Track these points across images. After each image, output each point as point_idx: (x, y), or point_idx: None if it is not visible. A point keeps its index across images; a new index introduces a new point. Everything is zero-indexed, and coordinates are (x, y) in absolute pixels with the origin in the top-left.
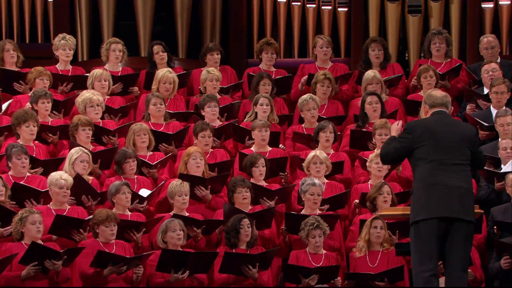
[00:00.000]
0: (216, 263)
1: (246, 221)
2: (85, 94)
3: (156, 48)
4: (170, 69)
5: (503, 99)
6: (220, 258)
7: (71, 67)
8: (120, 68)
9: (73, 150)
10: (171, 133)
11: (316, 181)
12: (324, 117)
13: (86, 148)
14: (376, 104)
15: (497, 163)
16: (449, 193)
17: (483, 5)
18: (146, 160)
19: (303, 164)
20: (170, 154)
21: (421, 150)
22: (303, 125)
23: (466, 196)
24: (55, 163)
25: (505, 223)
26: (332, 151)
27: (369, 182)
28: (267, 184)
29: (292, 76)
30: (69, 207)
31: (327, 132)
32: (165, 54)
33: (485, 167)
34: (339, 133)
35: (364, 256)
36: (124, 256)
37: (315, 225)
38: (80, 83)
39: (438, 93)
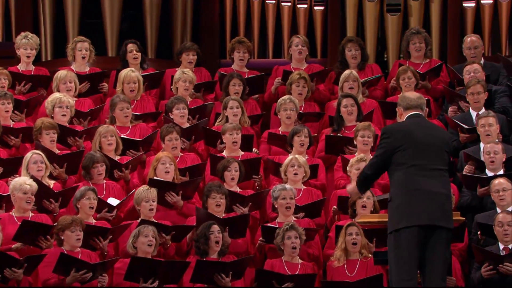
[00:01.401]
0: (187, 273)
1: (215, 227)
2: (55, 95)
3: (131, 46)
4: (133, 69)
5: (480, 100)
6: (191, 269)
7: (33, 67)
8: (88, 68)
9: (28, 154)
10: (138, 139)
11: (287, 185)
12: (301, 111)
13: (52, 151)
14: (351, 107)
15: (481, 167)
16: (430, 200)
17: (464, 4)
18: (116, 160)
19: (280, 169)
20: (141, 153)
21: (400, 155)
22: (279, 128)
23: (446, 203)
24: (15, 162)
25: (489, 225)
26: (307, 157)
27: None
28: (240, 190)
29: (265, 75)
30: (32, 214)
31: (302, 136)
32: (139, 54)
33: (466, 172)
34: (315, 134)
35: (342, 265)
36: (88, 262)
37: (290, 225)
38: (41, 83)
39: (413, 94)
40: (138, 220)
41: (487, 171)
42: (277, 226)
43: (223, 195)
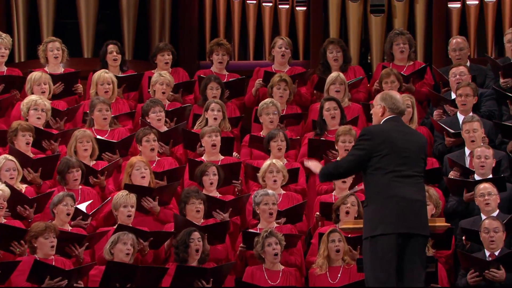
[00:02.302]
0: (165, 280)
1: (196, 234)
2: (31, 97)
3: (112, 47)
4: (106, 70)
5: (469, 103)
6: (169, 277)
7: (6, 68)
8: (62, 69)
9: (0, 159)
10: (115, 141)
11: (269, 191)
12: (282, 114)
13: (26, 155)
14: (334, 111)
15: (466, 172)
16: (407, 207)
17: (449, 5)
18: (91, 166)
19: (258, 174)
20: (117, 159)
21: (379, 160)
22: (261, 132)
23: (423, 210)
24: None
25: (472, 231)
26: (285, 161)
27: (333, 194)
28: (220, 195)
29: (245, 79)
30: (5, 220)
31: (278, 141)
32: (120, 56)
33: (451, 176)
34: (298, 137)
35: (325, 273)
36: (63, 269)
37: (268, 231)
38: (14, 85)
39: (399, 97)
40: (115, 226)
41: (475, 175)
42: (258, 232)
43: (202, 201)
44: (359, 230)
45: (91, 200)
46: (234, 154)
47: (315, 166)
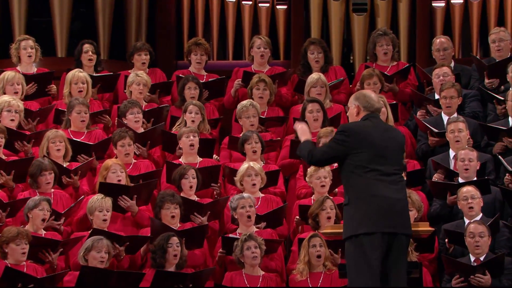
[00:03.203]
0: (141, 286)
1: (175, 239)
2: (4, 97)
3: (87, 47)
4: (80, 69)
5: (453, 104)
6: (146, 282)
7: None
8: (35, 69)
9: None
10: (91, 143)
11: (245, 194)
12: (263, 117)
13: None
14: (317, 113)
15: (450, 174)
16: (390, 206)
17: (433, 4)
18: (65, 166)
19: (235, 178)
20: (91, 159)
21: (359, 157)
22: (241, 134)
23: (405, 208)
24: None
25: (455, 232)
26: (262, 163)
27: (312, 198)
28: (198, 198)
29: (225, 79)
30: None
31: (252, 143)
32: (95, 56)
33: (435, 179)
34: (279, 138)
35: (305, 279)
36: (35, 276)
37: (247, 235)
38: None
39: (374, 96)
40: (90, 231)
41: (459, 178)
42: (238, 236)
43: (177, 205)
44: (338, 235)
45: (72, 205)
46: (214, 156)
47: (301, 132)
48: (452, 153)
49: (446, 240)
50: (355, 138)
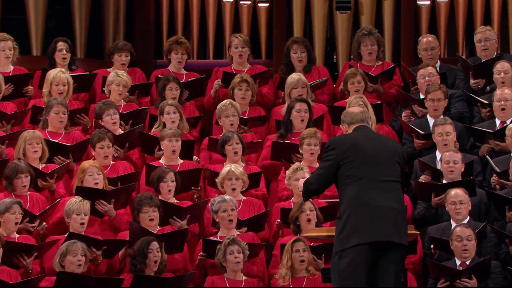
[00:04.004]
0: None
1: (155, 244)
2: None
3: (61, 45)
4: (63, 69)
5: (440, 107)
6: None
7: None
8: (11, 68)
9: None
10: (68, 144)
11: (226, 196)
12: (245, 117)
13: None
14: (305, 113)
15: (437, 175)
16: (381, 215)
17: (419, 2)
18: (40, 169)
19: (216, 180)
20: (68, 161)
21: (348, 167)
22: (221, 135)
23: (399, 217)
24: None
25: (441, 240)
26: (243, 164)
27: (291, 200)
28: (177, 201)
29: (205, 78)
30: None
31: (233, 144)
32: (69, 55)
33: (421, 180)
34: (260, 140)
35: (288, 284)
36: (8, 282)
37: (231, 239)
38: None
39: (356, 109)
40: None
41: (444, 180)
42: (219, 240)
43: (156, 208)
44: (324, 238)
45: (48, 207)
46: (195, 158)
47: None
48: (438, 155)
49: (432, 246)
50: (340, 148)
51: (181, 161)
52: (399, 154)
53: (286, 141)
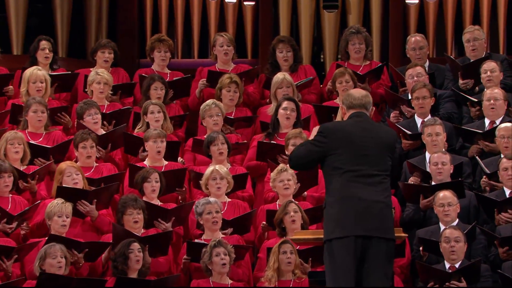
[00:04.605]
0: None
1: (136, 245)
2: None
3: (44, 44)
4: (39, 67)
5: (426, 105)
6: None
7: None
8: None
9: None
10: (49, 146)
11: (211, 198)
12: (231, 117)
13: None
14: (291, 112)
15: (426, 177)
16: (365, 208)
17: (407, 1)
18: (22, 170)
19: (201, 182)
20: (49, 162)
21: (336, 158)
22: (205, 135)
23: (385, 212)
24: None
25: (430, 241)
26: (229, 165)
27: (277, 202)
28: (162, 203)
29: (190, 77)
30: None
31: (219, 144)
32: (51, 54)
33: (410, 182)
34: (245, 141)
35: (274, 286)
36: None
37: (217, 241)
38: None
39: (357, 92)
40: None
41: (432, 182)
42: (203, 242)
43: (140, 210)
44: (312, 241)
45: (27, 208)
46: (179, 159)
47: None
48: (428, 156)
49: (421, 248)
50: (332, 138)
51: (165, 162)
52: (391, 146)
53: (272, 141)
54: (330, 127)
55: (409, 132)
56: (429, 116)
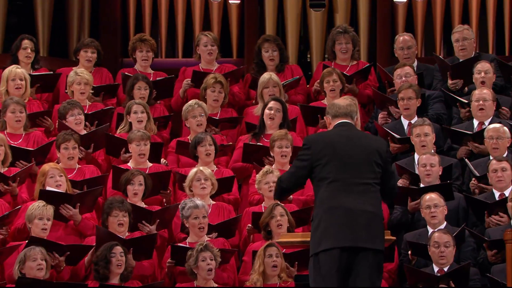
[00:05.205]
0: None
1: (118, 248)
2: None
3: (27, 43)
4: (17, 65)
5: (411, 106)
6: None
7: None
8: None
9: None
10: (31, 149)
11: (198, 202)
12: (216, 118)
13: None
14: (276, 112)
15: (416, 180)
16: (352, 219)
17: (395, 0)
18: (2, 173)
19: (184, 184)
20: (31, 164)
21: (322, 169)
22: (188, 136)
23: (373, 222)
24: None
25: (419, 244)
26: (215, 167)
27: (262, 205)
28: (146, 206)
29: (174, 77)
30: None
31: (206, 145)
32: (33, 53)
33: (399, 185)
34: (230, 143)
35: None
36: None
37: (204, 245)
38: None
39: (342, 101)
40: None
41: (421, 184)
42: (188, 246)
43: (126, 213)
44: (298, 244)
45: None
46: (163, 160)
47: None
48: (417, 157)
49: (409, 252)
50: (315, 149)
51: (150, 164)
52: (380, 153)
53: (259, 143)
54: (312, 139)
55: (397, 136)
56: (416, 118)
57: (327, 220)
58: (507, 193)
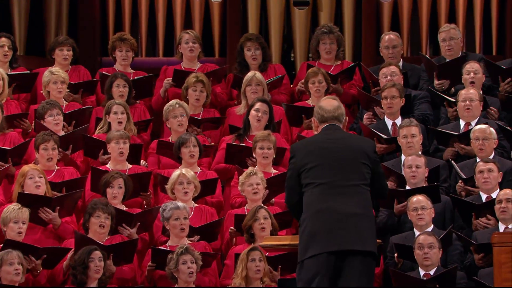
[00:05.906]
0: None
1: (97, 253)
2: None
3: (4, 41)
4: None
5: (395, 105)
6: None
7: None
8: None
9: None
10: (7, 148)
11: (180, 203)
12: (199, 118)
13: None
14: (263, 114)
15: (403, 181)
16: (339, 221)
17: None
18: None
19: (166, 186)
20: (8, 165)
21: (307, 174)
22: (169, 137)
23: (362, 223)
24: None
25: (405, 246)
26: (198, 169)
27: (245, 207)
28: (126, 208)
29: (153, 76)
30: None
31: (190, 147)
32: (11, 52)
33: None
34: (212, 144)
35: None
36: None
37: (184, 247)
38: None
39: (329, 105)
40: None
41: (407, 186)
42: (168, 249)
43: (109, 216)
44: (281, 247)
45: None
46: (142, 162)
47: None
48: (404, 158)
49: (395, 254)
50: (298, 155)
51: (129, 165)
52: (367, 154)
53: (242, 144)
54: (296, 146)
55: (384, 136)
56: (400, 117)
57: (313, 224)
58: (494, 195)
